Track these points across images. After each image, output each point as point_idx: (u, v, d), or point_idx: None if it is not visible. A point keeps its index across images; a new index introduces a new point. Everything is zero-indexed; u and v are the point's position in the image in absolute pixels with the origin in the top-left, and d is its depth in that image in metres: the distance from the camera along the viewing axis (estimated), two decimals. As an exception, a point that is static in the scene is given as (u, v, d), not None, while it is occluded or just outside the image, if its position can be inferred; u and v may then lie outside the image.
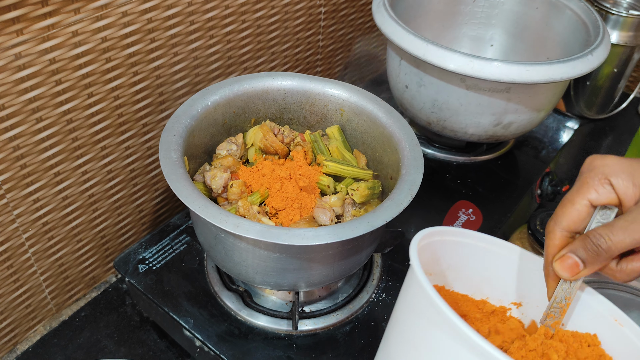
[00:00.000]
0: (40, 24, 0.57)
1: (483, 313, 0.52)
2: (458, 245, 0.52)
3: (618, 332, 0.47)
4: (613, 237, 0.42)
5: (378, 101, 0.70)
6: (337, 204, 0.64)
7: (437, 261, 0.52)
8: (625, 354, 0.47)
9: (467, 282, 0.54)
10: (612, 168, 0.44)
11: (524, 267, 0.52)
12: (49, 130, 0.64)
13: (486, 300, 0.54)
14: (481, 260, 0.53)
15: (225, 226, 0.52)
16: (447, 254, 0.52)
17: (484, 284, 0.54)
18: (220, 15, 0.76)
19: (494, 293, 0.54)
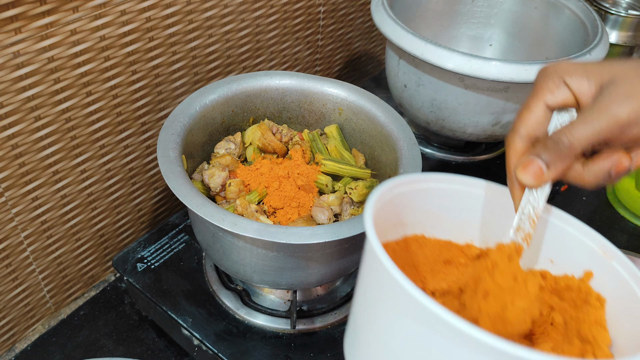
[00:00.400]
0: (38, 23, 0.57)
1: (468, 257, 0.49)
2: (431, 191, 0.48)
3: (607, 266, 0.45)
4: (573, 131, 0.39)
5: (376, 100, 0.70)
6: (335, 203, 0.64)
7: (413, 209, 0.48)
8: (616, 290, 0.44)
9: (448, 227, 0.50)
10: (565, 68, 0.42)
11: (502, 203, 0.48)
12: (48, 128, 0.64)
13: (471, 244, 0.50)
14: (458, 202, 0.49)
15: (223, 225, 0.52)
16: (421, 201, 0.48)
17: (466, 226, 0.50)
18: (218, 15, 0.77)
19: (477, 235, 0.50)
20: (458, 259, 0.49)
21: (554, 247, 0.47)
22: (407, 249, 0.48)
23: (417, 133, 0.94)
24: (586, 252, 0.46)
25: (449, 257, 0.49)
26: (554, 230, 0.47)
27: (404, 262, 0.47)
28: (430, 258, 0.49)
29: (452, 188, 0.49)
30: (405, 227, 0.49)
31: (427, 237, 0.50)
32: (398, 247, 0.48)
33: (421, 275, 0.47)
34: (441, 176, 0.48)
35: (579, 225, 0.46)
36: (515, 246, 0.44)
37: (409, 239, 0.49)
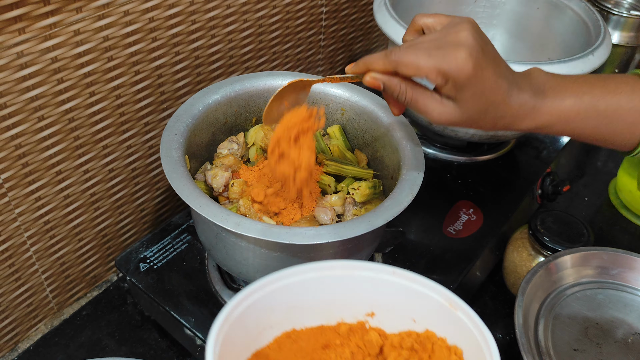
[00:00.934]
0: (41, 23, 0.57)
1: (342, 337, 0.51)
2: (285, 288, 0.50)
3: (455, 317, 0.48)
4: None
5: (379, 101, 0.70)
6: (338, 203, 0.64)
7: (272, 311, 0.50)
8: (466, 339, 0.47)
9: (315, 313, 0.52)
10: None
11: (353, 275, 0.51)
12: (51, 128, 0.64)
13: (341, 322, 0.52)
14: (316, 288, 0.51)
15: (226, 225, 0.53)
16: (279, 299, 0.50)
17: (332, 306, 0.52)
18: (221, 15, 0.77)
19: (345, 312, 0.52)
20: (334, 341, 0.51)
21: (412, 308, 0.50)
22: (281, 348, 0.49)
23: (419, 133, 0.94)
24: (436, 306, 0.49)
25: (325, 341, 0.51)
26: (409, 292, 0.50)
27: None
28: (308, 349, 0.50)
29: (304, 277, 0.50)
30: (272, 330, 0.50)
31: (298, 330, 0.51)
32: (271, 351, 0.49)
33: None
34: (287, 271, 0.49)
35: (425, 282, 0.49)
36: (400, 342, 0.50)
37: (279, 339, 0.50)
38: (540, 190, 0.93)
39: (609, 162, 1.11)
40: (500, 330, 0.79)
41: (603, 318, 0.67)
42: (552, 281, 0.70)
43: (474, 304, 0.83)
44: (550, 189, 0.92)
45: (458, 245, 0.77)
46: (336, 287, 0.51)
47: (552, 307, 0.68)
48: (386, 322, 0.52)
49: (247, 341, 0.47)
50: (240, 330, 0.46)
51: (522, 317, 0.63)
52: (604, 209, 0.99)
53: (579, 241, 0.75)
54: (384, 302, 0.51)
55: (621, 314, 0.68)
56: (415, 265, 0.74)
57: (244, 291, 0.47)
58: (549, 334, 0.65)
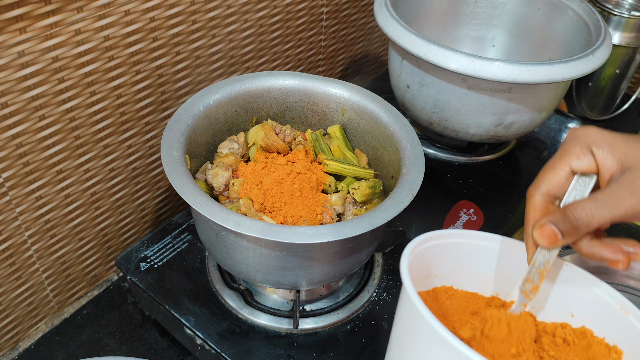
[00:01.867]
0: (42, 22, 0.57)
1: (492, 309, 0.52)
2: (459, 246, 0.52)
3: (624, 320, 0.47)
4: (593, 211, 0.42)
5: (379, 100, 0.70)
6: (338, 203, 0.64)
7: (442, 263, 0.52)
8: (631, 343, 0.47)
9: (475, 280, 0.54)
10: (594, 137, 0.45)
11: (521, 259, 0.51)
12: (52, 128, 0.64)
13: (495, 296, 0.54)
14: (484, 257, 0.53)
15: (227, 224, 0.53)
16: (450, 255, 0.52)
17: (492, 279, 0.54)
18: (222, 15, 0.77)
19: (502, 288, 0.54)
20: (484, 311, 0.52)
21: (574, 302, 0.50)
22: (437, 299, 0.52)
23: (420, 133, 0.94)
24: (602, 307, 0.48)
25: (476, 308, 0.52)
26: (574, 287, 0.50)
27: (434, 311, 0.50)
28: (459, 309, 0.52)
29: (479, 244, 0.52)
30: (435, 279, 0.53)
31: (455, 289, 0.54)
32: (429, 297, 0.51)
33: (450, 325, 0.50)
34: (470, 232, 0.52)
35: (599, 283, 0.49)
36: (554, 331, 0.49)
37: (438, 290, 0.53)
38: (541, 190, 0.92)
39: (610, 162, 1.10)
40: (501, 330, 0.79)
41: (603, 318, 0.67)
42: (553, 281, 0.70)
43: (474, 304, 0.83)
44: (550, 189, 0.92)
45: (458, 245, 0.77)
46: (500, 262, 0.52)
47: (552, 307, 0.68)
48: (540, 310, 0.51)
49: (415, 280, 0.48)
50: (415, 266, 0.48)
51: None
52: (605, 210, 0.99)
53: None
54: (544, 290, 0.51)
55: (621, 314, 0.68)
56: (415, 265, 0.74)
57: (426, 234, 0.50)
58: (549, 333, 0.65)
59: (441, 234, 0.51)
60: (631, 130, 1.18)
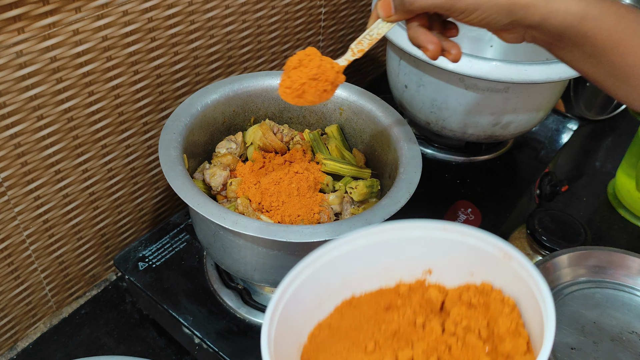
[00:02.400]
0: (41, 23, 0.57)
1: (403, 297, 0.51)
2: (338, 259, 0.50)
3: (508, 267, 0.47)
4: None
5: (377, 100, 0.70)
6: (335, 202, 0.64)
7: (330, 280, 0.50)
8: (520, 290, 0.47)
9: (374, 277, 0.52)
10: None
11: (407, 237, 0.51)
12: (50, 128, 0.64)
13: (400, 283, 0.52)
14: (370, 252, 0.51)
15: (224, 223, 0.53)
16: (336, 267, 0.50)
17: (389, 269, 0.52)
18: (220, 15, 0.77)
19: (403, 272, 0.52)
20: (396, 302, 0.51)
21: (468, 261, 0.50)
22: (343, 316, 0.50)
23: (418, 133, 0.94)
24: (490, 258, 0.48)
25: (386, 303, 0.51)
26: (463, 246, 0.49)
27: (347, 329, 0.49)
28: (370, 312, 0.50)
29: (355, 245, 0.50)
30: (330, 300, 0.50)
31: (357, 296, 0.51)
32: (334, 320, 0.49)
33: (370, 332, 0.48)
34: (337, 242, 0.50)
35: (477, 234, 0.49)
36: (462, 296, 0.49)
37: (340, 308, 0.50)
38: (539, 190, 0.93)
39: (608, 162, 1.11)
40: (498, 329, 0.79)
41: (600, 317, 0.67)
42: (550, 280, 0.70)
43: (472, 304, 0.83)
44: (548, 189, 0.93)
45: (456, 244, 0.77)
46: (389, 249, 0.51)
47: (549, 306, 0.68)
48: (444, 277, 0.51)
49: (307, 315, 0.48)
50: (297, 307, 0.47)
51: (519, 316, 0.63)
52: (603, 209, 1.00)
53: (576, 241, 0.76)
54: (439, 258, 0.51)
55: (618, 313, 0.68)
56: (413, 265, 0.74)
57: (295, 269, 0.48)
58: (546, 332, 0.65)
59: (307, 262, 0.49)
60: (629, 130, 1.18)
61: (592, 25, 0.46)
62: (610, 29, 0.46)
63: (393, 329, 0.48)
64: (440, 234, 0.50)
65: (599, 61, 0.49)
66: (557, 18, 0.47)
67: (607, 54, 0.48)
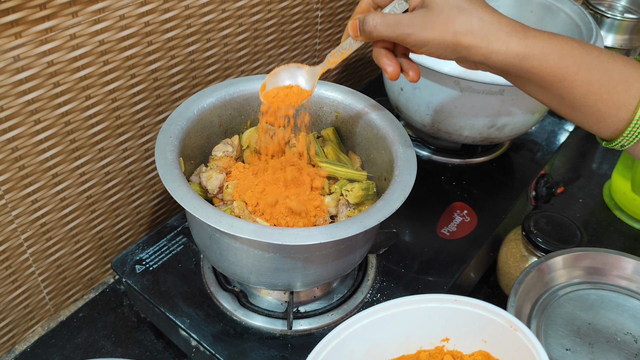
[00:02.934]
0: (38, 27, 0.58)
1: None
2: (363, 328, 0.57)
3: (514, 336, 0.53)
4: (378, 26, 0.51)
5: (372, 103, 0.71)
6: (331, 205, 0.65)
7: (355, 350, 0.56)
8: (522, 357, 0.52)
9: (395, 345, 0.58)
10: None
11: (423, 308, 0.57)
12: (48, 131, 0.64)
13: (421, 350, 0.58)
14: (391, 323, 0.57)
15: (220, 226, 0.53)
16: (360, 338, 0.56)
17: (410, 337, 0.58)
18: (217, 19, 0.77)
19: (423, 340, 0.58)
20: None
21: (480, 330, 0.56)
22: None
23: (414, 136, 0.94)
24: (499, 328, 0.55)
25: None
26: (474, 316, 0.56)
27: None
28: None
29: (377, 317, 0.57)
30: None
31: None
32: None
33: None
34: (360, 315, 0.57)
35: (486, 306, 0.55)
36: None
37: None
38: (535, 192, 0.93)
39: (604, 164, 1.11)
40: (495, 331, 0.79)
41: (595, 318, 0.68)
42: (545, 282, 0.70)
43: (469, 305, 0.84)
44: (544, 191, 0.93)
45: (452, 246, 0.78)
46: (409, 320, 0.57)
47: (544, 307, 0.68)
48: (460, 344, 0.57)
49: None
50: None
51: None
52: (598, 211, 1.00)
53: (571, 242, 0.76)
54: (455, 327, 0.57)
55: (613, 314, 0.68)
56: (409, 267, 0.74)
57: (321, 343, 0.54)
58: (541, 334, 0.66)
59: (332, 335, 0.55)
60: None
61: (535, 63, 0.49)
62: (553, 65, 0.49)
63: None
64: (453, 305, 0.56)
65: (548, 92, 0.51)
66: (499, 58, 0.49)
67: (554, 88, 0.50)
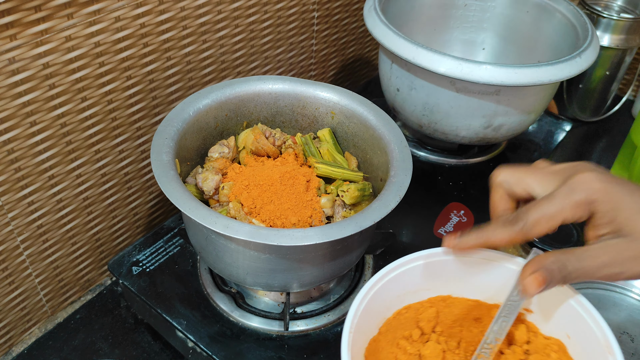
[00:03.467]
0: (33, 29, 0.58)
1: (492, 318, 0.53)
2: (453, 261, 0.54)
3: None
4: (578, 271, 0.44)
5: (368, 104, 0.71)
6: (327, 205, 0.65)
7: (437, 276, 0.54)
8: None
9: (476, 288, 0.55)
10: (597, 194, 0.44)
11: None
12: (43, 133, 0.64)
13: (498, 304, 0.53)
14: (480, 269, 0.54)
15: (215, 227, 0.53)
16: (447, 267, 0.54)
17: (494, 289, 0.54)
18: (213, 20, 0.77)
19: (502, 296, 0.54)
20: (486, 318, 0.53)
21: (570, 327, 0.50)
22: (432, 306, 0.54)
23: (411, 136, 0.94)
24: (594, 341, 0.48)
25: (478, 314, 0.54)
26: (573, 311, 0.50)
27: (429, 319, 0.53)
28: (459, 315, 0.54)
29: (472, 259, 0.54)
30: (428, 291, 0.55)
31: (454, 297, 0.55)
32: (422, 306, 0.54)
33: (453, 329, 0.52)
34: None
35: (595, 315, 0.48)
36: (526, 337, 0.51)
37: (433, 300, 0.55)
38: (532, 191, 0.93)
39: (601, 163, 1.11)
40: (492, 331, 0.79)
41: (591, 317, 0.67)
42: (541, 281, 0.70)
43: (466, 305, 0.84)
44: (541, 191, 0.93)
45: (449, 246, 0.78)
46: (499, 274, 0.53)
47: (541, 307, 0.68)
48: (542, 324, 0.52)
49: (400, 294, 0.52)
50: (394, 285, 0.52)
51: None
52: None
53: (568, 241, 0.76)
54: (545, 307, 0.52)
55: (610, 314, 0.68)
56: (405, 267, 0.74)
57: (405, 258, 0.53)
58: (538, 333, 0.65)
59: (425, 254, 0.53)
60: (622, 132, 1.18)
61: None
62: None
63: (469, 338, 0.51)
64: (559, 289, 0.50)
65: None
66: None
67: None
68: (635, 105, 1.23)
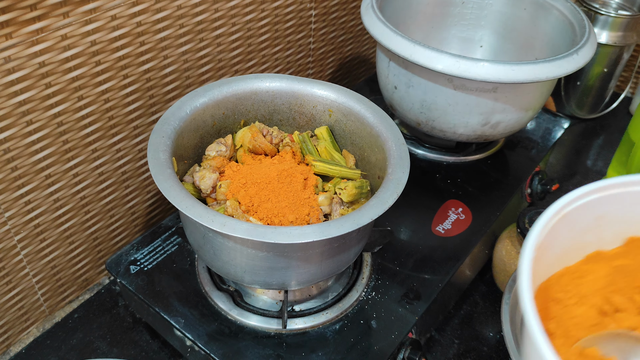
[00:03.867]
0: (29, 28, 0.58)
1: None
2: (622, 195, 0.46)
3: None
4: None
5: (365, 102, 0.71)
6: (325, 203, 0.65)
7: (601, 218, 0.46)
8: None
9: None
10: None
11: None
12: (40, 132, 0.64)
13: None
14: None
15: (212, 225, 0.53)
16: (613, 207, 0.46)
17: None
18: (209, 19, 0.77)
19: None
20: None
21: None
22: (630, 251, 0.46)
23: (409, 134, 0.94)
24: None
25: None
26: None
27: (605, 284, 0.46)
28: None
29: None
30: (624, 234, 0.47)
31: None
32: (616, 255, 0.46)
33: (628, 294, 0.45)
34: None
35: None
36: None
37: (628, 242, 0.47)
38: (530, 189, 0.93)
39: (599, 161, 1.11)
40: (491, 328, 0.79)
41: (590, 314, 0.67)
42: (540, 278, 0.70)
43: (464, 303, 0.84)
44: (539, 188, 0.93)
45: (447, 244, 0.78)
46: None
47: (540, 304, 0.68)
48: None
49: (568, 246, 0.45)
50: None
51: (509, 315, 0.64)
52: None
53: None
54: None
55: None
56: (404, 265, 0.74)
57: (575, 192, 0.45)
58: (537, 330, 0.65)
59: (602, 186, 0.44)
60: (620, 129, 1.19)
61: None
62: None
63: None
64: None
65: None
66: None
67: None
68: (633, 102, 1.23)
